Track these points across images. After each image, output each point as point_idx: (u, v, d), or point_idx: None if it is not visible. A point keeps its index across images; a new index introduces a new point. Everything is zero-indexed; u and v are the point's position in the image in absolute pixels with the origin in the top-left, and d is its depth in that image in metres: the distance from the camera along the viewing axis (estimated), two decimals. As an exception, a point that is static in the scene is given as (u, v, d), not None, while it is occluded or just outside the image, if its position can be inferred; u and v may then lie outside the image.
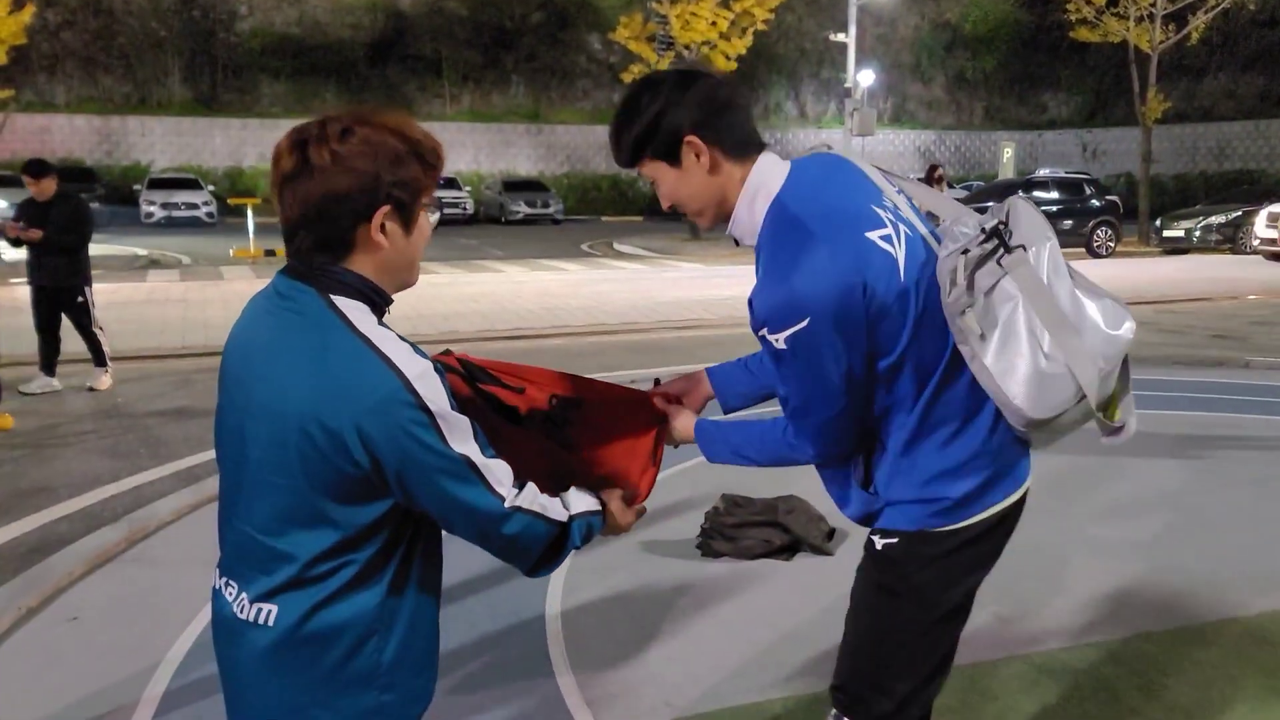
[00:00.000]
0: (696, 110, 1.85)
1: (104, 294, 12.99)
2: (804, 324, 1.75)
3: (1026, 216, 1.88)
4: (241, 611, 1.56)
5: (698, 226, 2.32)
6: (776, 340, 1.78)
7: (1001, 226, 1.84)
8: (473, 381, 1.94)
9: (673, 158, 1.87)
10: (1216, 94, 40.55)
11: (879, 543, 1.99)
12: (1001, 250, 1.82)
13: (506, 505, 1.55)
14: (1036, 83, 46.08)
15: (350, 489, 1.48)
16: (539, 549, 1.64)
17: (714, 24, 24.78)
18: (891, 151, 45.11)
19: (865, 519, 2.04)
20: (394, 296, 1.61)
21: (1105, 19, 26.35)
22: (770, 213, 1.87)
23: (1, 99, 19.98)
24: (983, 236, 1.83)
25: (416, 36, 41.10)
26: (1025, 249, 1.83)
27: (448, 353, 1.99)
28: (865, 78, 29.77)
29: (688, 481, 5.46)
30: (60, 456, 6.23)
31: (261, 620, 1.53)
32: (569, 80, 43.16)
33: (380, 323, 1.52)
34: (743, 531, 4.43)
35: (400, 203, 1.51)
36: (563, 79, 42.98)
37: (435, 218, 1.62)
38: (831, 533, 4.57)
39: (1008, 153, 38.61)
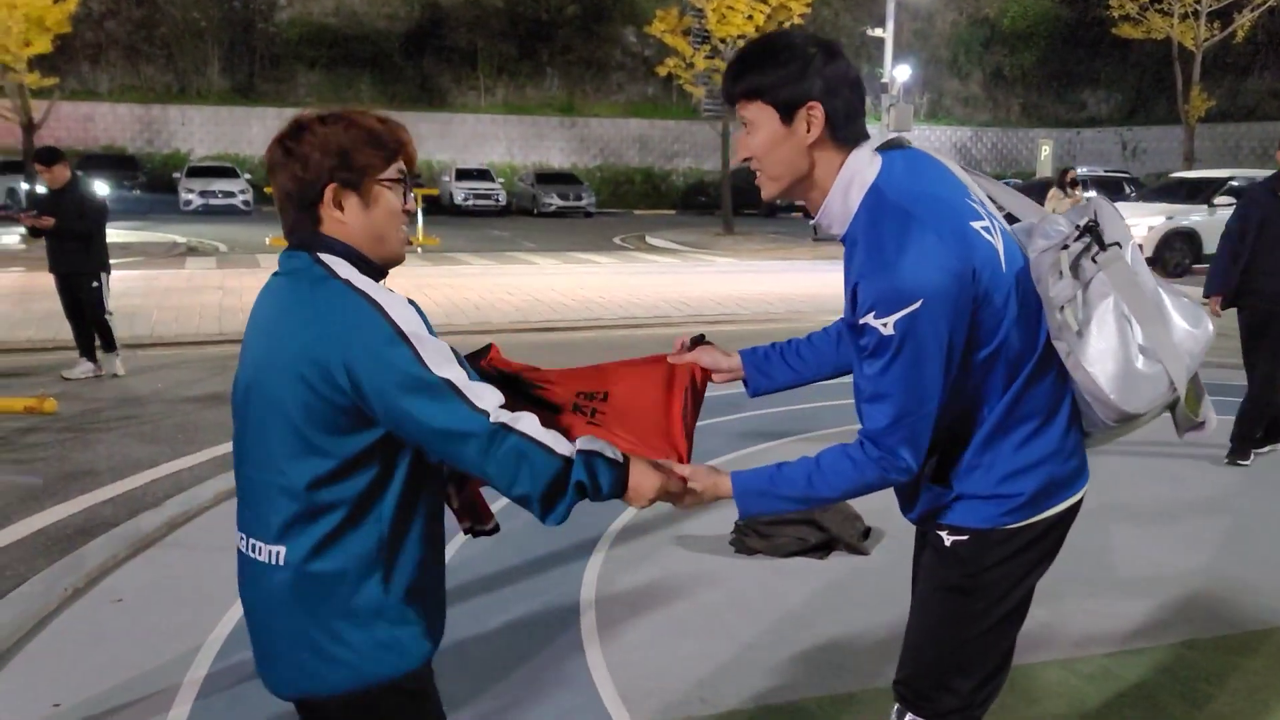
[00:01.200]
0: (833, 82, 1.83)
1: (145, 280, 13.17)
2: (916, 306, 1.72)
3: (1112, 215, 1.90)
4: (257, 555, 1.72)
5: (729, 220, 2.32)
6: (884, 325, 1.73)
7: (1093, 224, 1.87)
8: (510, 382, 1.96)
9: (787, 115, 1.84)
10: (1261, 92, 39.81)
11: (948, 539, 1.99)
12: (1096, 247, 1.85)
13: (491, 420, 1.62)
14: (1075, 80, 45.48)
15: (339, 420, 1.62)
16: (541, 481, 1.66)
17: (750, 18, 24.66)
18: (927, 148, 44.46)
19: (929, 515, 2.02)
20: (390, 273, 1.79)
21: (1149, 15, 26.00)
22: (868, 201, 1.84)
23: (47, 87, 20.21)
24: (1077, 233, 1.86)
25: (452, 28, 41.23)
26: (1120, 245, 1.87)
27: (489, 347, 2.03)
28: (902, 73, 29.53)
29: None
30: (103, 440, 6.32)
31: (274, 561, 1.69)
32: (603, 73, 43.12)
33: (365, 274, 1.70)
34: (778, 529, 4.42)
35: (346, 181, 1.70)
36: (597, 72, 42.95)
37: (409, 199, 1.78)
38: (867, 532, 4.55)
39: (1045, 150, 38.17)
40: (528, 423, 1.67)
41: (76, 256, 7.85)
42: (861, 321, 1.77)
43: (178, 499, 5.13)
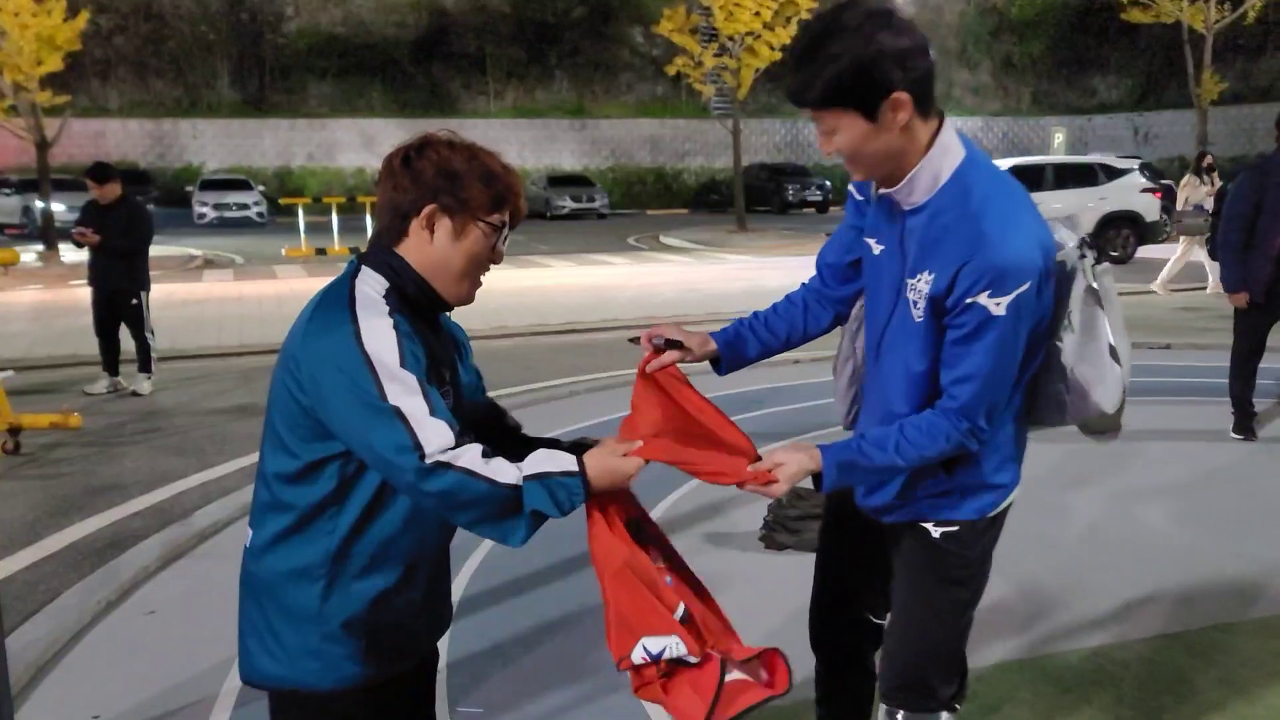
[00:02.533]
0: (907, 60, 1.71)
1: (162, 294, 13.24)
2: (1026, 287, 1.75)
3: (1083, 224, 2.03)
4: (247, 535, 1.82)
5: (742, 218, 2.29)
6: (998, 304, 1.74)
7: (1090, 239, 1.96)
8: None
9: (871, 113, 1.73)
10: (1274, 73, 39.49)
11: (935, 532, 2.03)
12: (1094, 261, 1.95)
13: (426, 460, 1.59)
14: (1085, 66, 45.23)
15: (303, 422, 1.67)
16: (484, 511, 1.63)
17: (757, 14, 24.61)
18: (938, 139, 44.57)
19: (919, 512, 2.04)
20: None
21: (1158, -1, 25.83)
22: (961, 175, 1.81)
23: (59, 105, 20.38)
24: (1080, 244, 1.94)
25: (460, 34, 41.36)
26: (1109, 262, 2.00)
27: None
28: (911, 65, 29.44)
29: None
30: (129, 454, 6.37)
31: (246, 542, 1.80)
32: (612, 74, 43.16)
33: (387, 297, 1.70)
34: (806, 524, 4.41)
35: (449, 207, 1.73)
36: (606, 73, 42.99)
37: (498, 250, 1.79)
38: (895, 524, 4.53)
39: (1058, 138, 37.98)
40: (469, 456, 1.62)
41: (119, 274, 7.88)
42: (970, 300, 1.76)
43: (207, 510, 5.16)
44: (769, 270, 16.32)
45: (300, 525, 1.71)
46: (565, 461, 1.69)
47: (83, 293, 8.70)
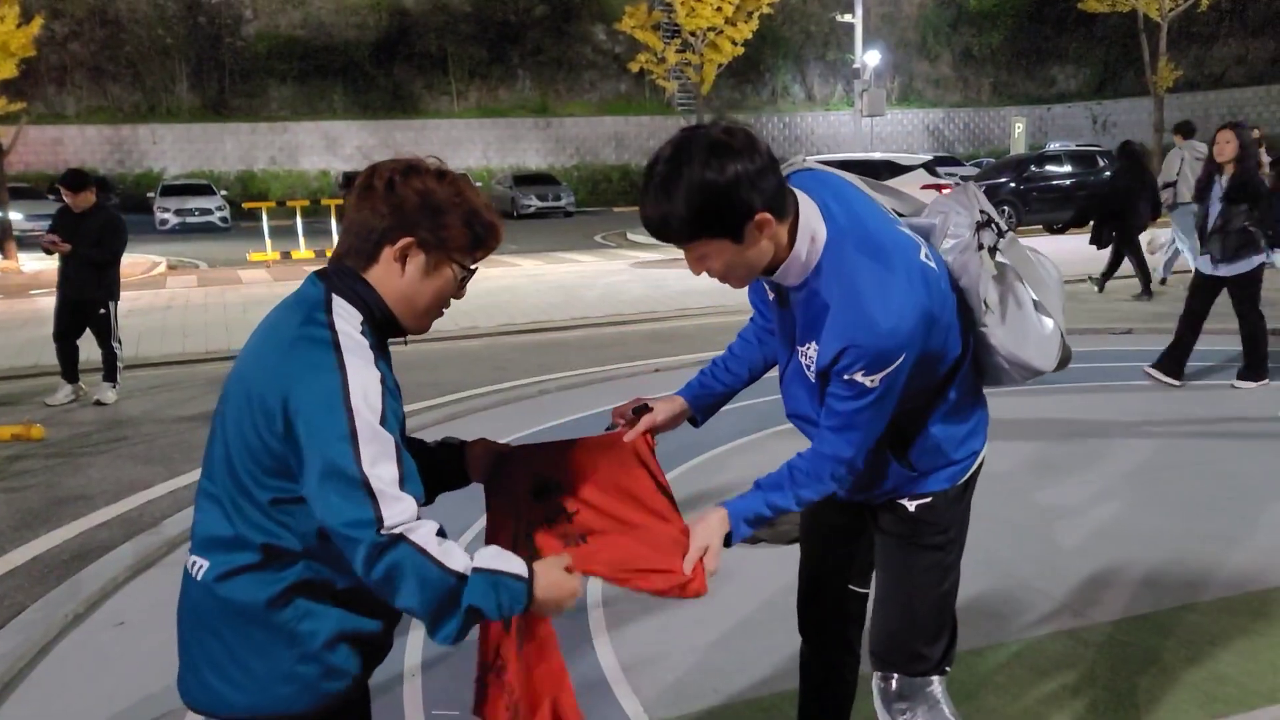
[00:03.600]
0: (759, 179, 1.76)
1: (126, 301, 13.04)
2: (900, 360, 1.85)
3: (987, 202, 2.12)
4: (189, 561, 1.72)
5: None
6: (871, 381, 1.85)
7: (987, 215, 2.08)
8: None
9: (738, 236, 1.80)
10: (1227, 60, 40.13)
11: (911, 506, 2.14)
12: (998, 236, 2.08)
13: (383, 531, 1.52)
14: (1044, 56, 45.72)
15: (268, 461, 1.59)
16: (424, 595, 1.55)
17: (719, 9, 24.68)
18: (900, 131, 44.88)
19: (892, 492, 2.16)
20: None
21: (1114, -11, 26.15)
22: (829, 256, 1.88)
23: (14, 112, 20.04)
24: (976, 227, 2.06)
25: (421, 34, 41.13)
26: (1013, 230, 2.11)
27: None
28: (872, 58, 29.62)
29: (718, 467, 5.47)
30: (94, 464, 6.28)
31: (195, 572, 1.69)
32: (575, 72, 43.10)
33: (364, 333, 1.65)
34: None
35: (426, 243, 1.67)
36: (569, 71, 42.93)
37: (462, 292, 1.77)
38: (868, 514, 4.56)
39: (1019, 128, 38.32)
40: (424, 532, 1.56)
41: (89, 282, 7.74)
42: (846, 377, 1.87)
43: (175, 519, 5.09)
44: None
45: (271, 557, 1.64)
46: (516, 565, 1.64)
47: (44, 302, 8.59)
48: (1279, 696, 3.10)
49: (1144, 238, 12.35)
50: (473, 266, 1.75)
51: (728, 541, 2.01)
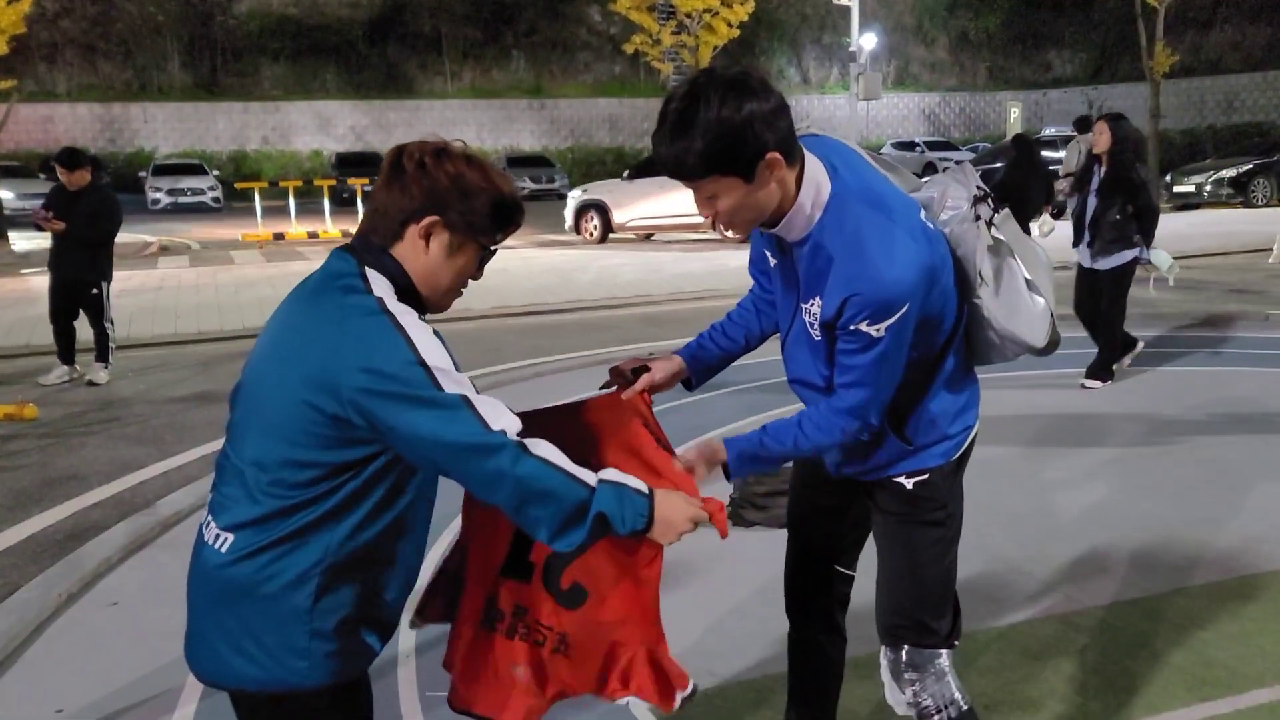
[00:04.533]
0: (773, 119, 1.80)
1: (118, 281, 13.00)
2: (904, 310, 1.88)
3: (975, 175, 2.16)
4: (207, 532, 1.73)
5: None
6: (877, 330, 1.89)
7: (981, 190, 2.10)
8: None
9: (749, 174, 1.83)
10: (1223, 46, 40.03)
11: (908, 483, 2.16)
12: (994, 211, 2.11)
13: (509, 437, 1.60)
14: (1040, 41, 45.57)
15: (326, 434, 1.61)
16: (560, 508, 1.63)
17: (715, -9, 24.53)
18: (896, 115, 44.77)
19: (883, 468, 2.16)
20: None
21: (1111, -27, 26.05)
22: (833, 209, 1.92)
23: (4, 89, 19.88)
24: (974, 202, 2.09)
25: (415, 14, 40.82)
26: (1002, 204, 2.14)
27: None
28: (868, 41, 29.52)
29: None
30: (87, 445, 6.27)
31: (217, 545, 1.70)
32: (570, 54, 42.87)
33: (402, 301, 1.69)
34: (774, 500, 4.44)
35: (452, 223, 1.71)
36: (564, 53, 42.69)
37: (480, 273, 1.82)
38: (861, 498, 4.58)
39: (1015, 113, 38.28)
40: (546, 448, 1.65)
41: (81, 263, 7.70)
42: (853, 328, 1.90)
43: (169, 499, 5.09)
44: (729, 249, 16.33)
45: (301, 533, 1.65)
46: (637, 482, 1.73)
47: (35, 282, 8.55)
48: (1267, 680, 3.13)
49: (1034, 224, 12.48)
50: (494, 248, 1.79)
51: (727, 476, 2.08)
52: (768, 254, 2.15)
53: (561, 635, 1.97)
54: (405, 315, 1.64)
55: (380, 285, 1.68)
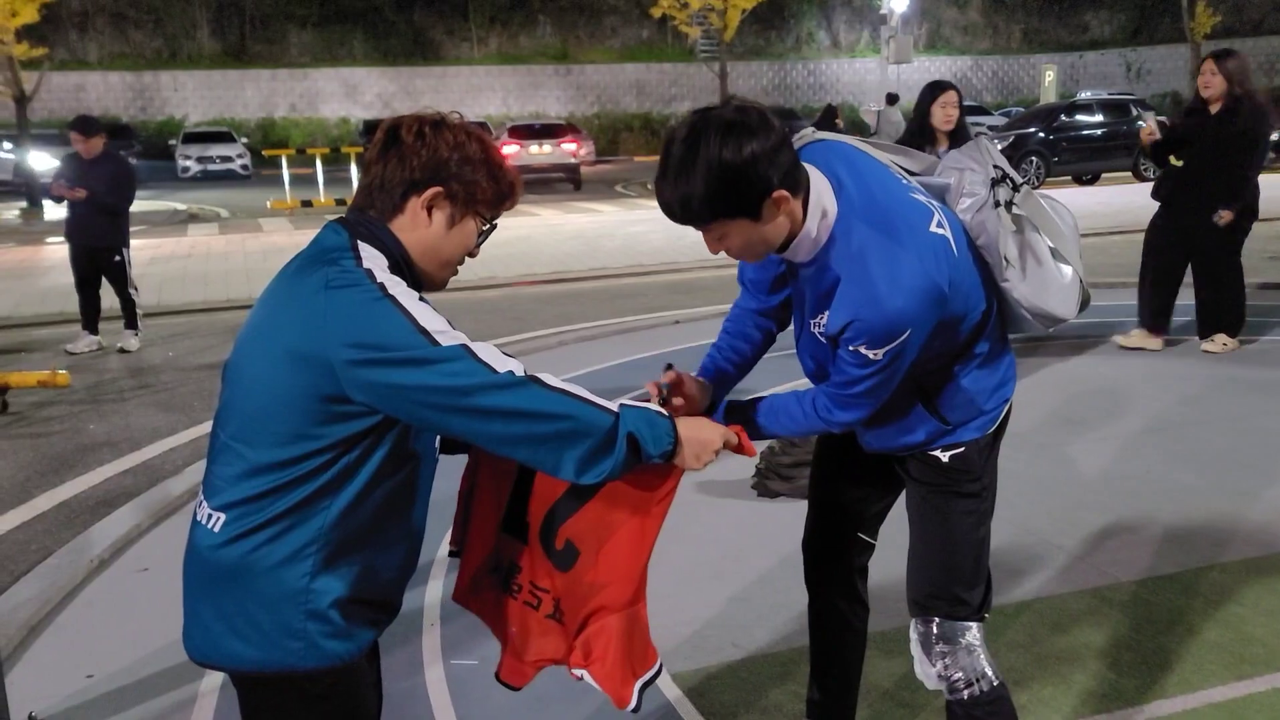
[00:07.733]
0: (777, 156, 1.78)
1: (147, 250, 13.11)
2: (905, 336, 1.87)
3: (1000, 155, 2.14)
4: (199, 512, 1.71)
5: None
6: (875, 354, 1.88)
7: (1002, 170, 2.09)
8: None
9: (756, 214, 1.81)
10: (1266, 6, 39.03)
11: (945, 456, 2.16)
12: (1013, 190, 2.10)
13: (517, 375, 1.59)
14: (1077, 2, 44.66)
15: (324, 408, 1.58)
16: (586, 434, 1.62)
17: (744, -47, 24.20)
18: (927, 79, 43.98)
19: (925, 444, 2.16)
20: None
21: (1151, -68, 25.43)
22: (840, 231, 1.90)
23: (36, 57, 19.99)
24: (992, 184, 2.07)
25: (442, -21, 40.59)
26: (1027, 184, 2.13)
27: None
28: (899, 3, 29.00)
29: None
30: (118, 411, 6.32)
31: (211, 525, 1.67)
32: (597, 19, 42.51)
33: (394, 273, 1.66)
34: (799, 470, 4.40)
35: (454, 194, 1.69)
36: (591, 18, 42.34)
37: (478, 248, 1.80)
38: (890, 469, 4.53)
39: (1050, 76, 37.55)
40: (557, 381, 1.65)
41: (100, 229, 7.72)
42: (852, 348, 1.90)
43: (196, 467, 5.12)
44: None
45: (298, 509, 1.62)
46: (655, 406, 1.76)
47: (59, 250, 8.58)
48: (1306, 658, 3.07)
49: None
50: (493, 223, 1.78)
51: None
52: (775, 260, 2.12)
53: (556, 600, 1.95)
54: (395, 285, 1.61)
55: (372, 258, 1.65)
